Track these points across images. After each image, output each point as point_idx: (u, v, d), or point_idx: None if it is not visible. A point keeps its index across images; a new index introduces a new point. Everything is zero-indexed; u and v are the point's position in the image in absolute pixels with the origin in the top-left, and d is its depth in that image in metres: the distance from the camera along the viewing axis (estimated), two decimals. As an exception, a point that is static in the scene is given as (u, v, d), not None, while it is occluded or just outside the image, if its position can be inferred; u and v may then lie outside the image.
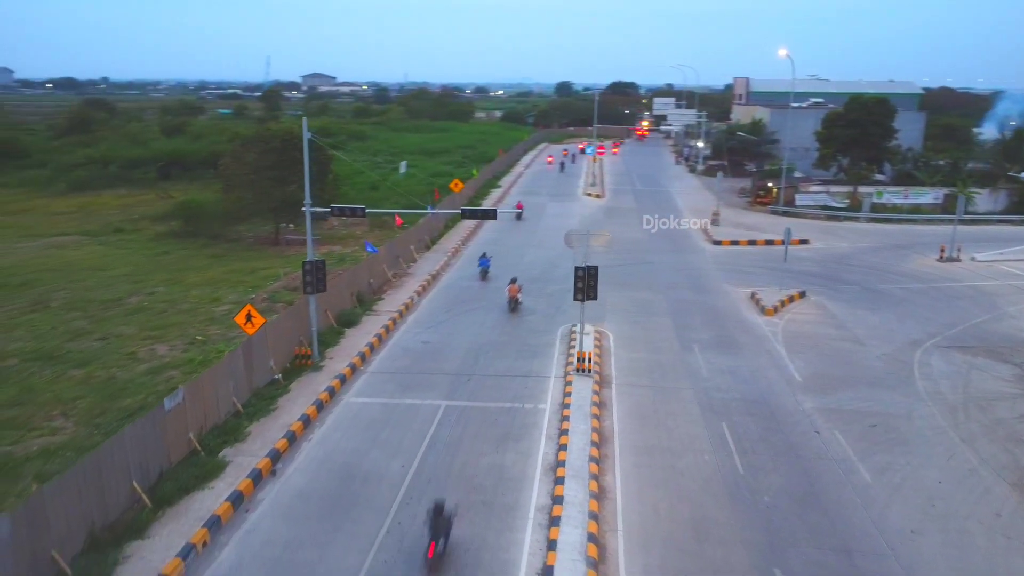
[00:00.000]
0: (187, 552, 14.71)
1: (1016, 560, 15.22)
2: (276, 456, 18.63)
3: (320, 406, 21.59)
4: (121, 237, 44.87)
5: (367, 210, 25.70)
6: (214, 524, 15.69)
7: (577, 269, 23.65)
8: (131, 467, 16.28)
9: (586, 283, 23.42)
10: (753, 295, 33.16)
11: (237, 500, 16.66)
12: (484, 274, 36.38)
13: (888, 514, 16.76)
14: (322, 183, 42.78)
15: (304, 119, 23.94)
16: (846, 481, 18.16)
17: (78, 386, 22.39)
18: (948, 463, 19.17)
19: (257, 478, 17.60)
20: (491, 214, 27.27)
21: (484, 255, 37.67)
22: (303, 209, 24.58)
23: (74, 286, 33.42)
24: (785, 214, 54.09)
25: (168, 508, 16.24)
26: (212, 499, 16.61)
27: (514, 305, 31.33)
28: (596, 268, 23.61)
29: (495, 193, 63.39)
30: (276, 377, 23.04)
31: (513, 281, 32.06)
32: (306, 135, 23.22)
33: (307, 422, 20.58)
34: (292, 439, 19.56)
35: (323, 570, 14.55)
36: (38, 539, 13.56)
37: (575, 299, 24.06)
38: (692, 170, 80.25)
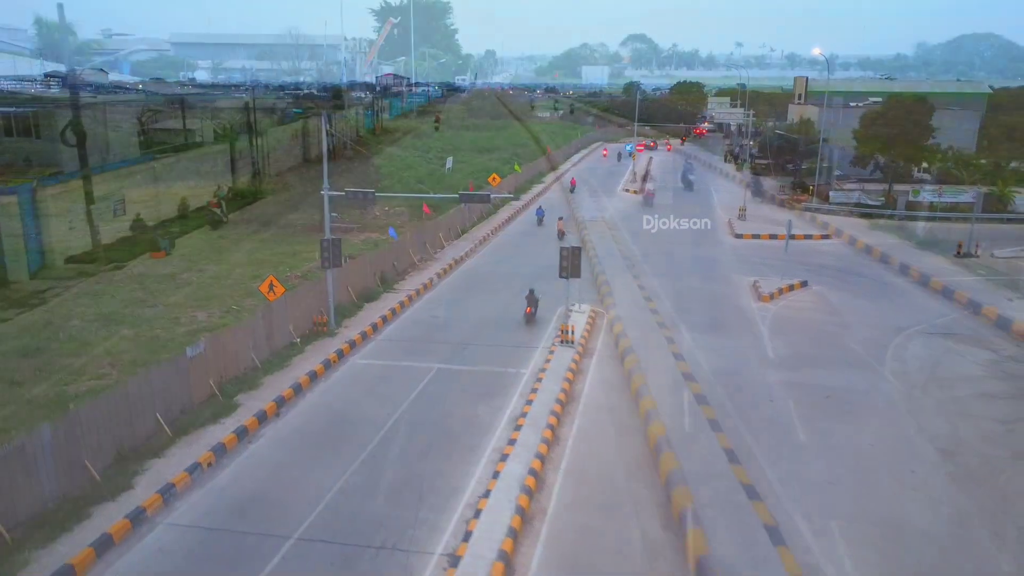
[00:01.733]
0: (193, 468, 17.76)
1: (910, 506, 16.87)
2: (282, 402, 21.62)
3: (328, 364, 24.51)
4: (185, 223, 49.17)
5: (376, 193, 28.59)
6: (219, 449, 18.72)
7: (562, 249, 26.00)
8: (155, 402, 19.45)
9: (571, 262, 25.73)
10: (754, 283, 34.69)
11: (242, 433, 19.66)
12: (540, 221, 47.32)
13: (809, 467, 18.55)
14: (365, 175, 46.16)
15: (324, 114, 27.09)
16: (783, 440, 19.97)
17: (126, 342, 25.94)
18: (886, 431, 20.71)
19: (262, 417, 20.59)
20: (485, 198, 29.99)
21: (540, 207, 49.18)
22: (321, 192, 27.71)
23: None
24: (818, 211, 54.80)
25: (184, 437, 19.33)
26: (221, 431, 19.64)
27: (561, 236, 41.57)
28: (579, 249, 25.92)
29: (536, 188, 65.77)
30: (295, 340, 26.11)
31: (561, 219, 43.81)
32: (325, 126, 26.35)
33: (314, 376, 23.53)
34: (298, 389, 22.53)
35: (303, 485, 17.38)
36: (74, 448, 16.77)
37: (560, 276, 26.42)
38: (739, 168, 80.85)
